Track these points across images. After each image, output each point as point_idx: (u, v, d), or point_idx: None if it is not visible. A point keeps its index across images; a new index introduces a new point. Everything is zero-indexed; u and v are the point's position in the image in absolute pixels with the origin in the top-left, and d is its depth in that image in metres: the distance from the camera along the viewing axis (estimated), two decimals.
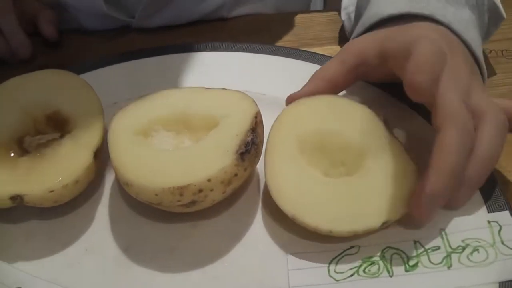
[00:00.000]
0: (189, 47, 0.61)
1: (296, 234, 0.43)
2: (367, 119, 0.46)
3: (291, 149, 0.44)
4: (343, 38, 0.66)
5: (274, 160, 0.44)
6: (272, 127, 0.46)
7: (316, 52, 0.59)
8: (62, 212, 0.45)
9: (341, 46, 0.64)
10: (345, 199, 0.41)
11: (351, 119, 0.46)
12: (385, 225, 0.41)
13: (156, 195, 0.39)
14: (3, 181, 0.42)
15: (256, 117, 0.44)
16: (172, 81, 0.57)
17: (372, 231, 0.41)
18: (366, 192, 0.41)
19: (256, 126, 0.43)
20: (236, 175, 0.40)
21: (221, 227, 0.44)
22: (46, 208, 0.43)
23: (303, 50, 0.60)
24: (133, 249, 0.43)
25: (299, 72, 0.53)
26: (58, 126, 0.47)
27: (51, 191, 0.41)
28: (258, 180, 0.47)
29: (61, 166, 0.43)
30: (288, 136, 0.45)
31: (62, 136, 0.45)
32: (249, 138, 0.42)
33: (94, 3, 0.67)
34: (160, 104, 0.47)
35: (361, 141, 0.44)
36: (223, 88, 0.48)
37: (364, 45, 0.49)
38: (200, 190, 0.39)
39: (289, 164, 0.43)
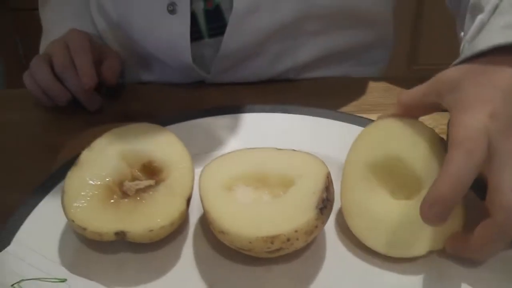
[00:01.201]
0: (260, 108, 0.68)
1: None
2: (432, 145, 0.51)
3: (364, 171, 0.52)
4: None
5: (348, 182, 0.52)
6: (349, 152, 0.54)
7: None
8: (152, 248, 0.51)
9: None
10: (404, 223, 0.48)
11: (418, 145, 0.51)
12: (429, 254, 0.47)
13: (250, 242, 0.45)
14: (109, 219, 0.48)
15: (327, 177, 0.50)
16: (244, 139, 0.64)
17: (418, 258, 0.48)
18: (419, 218, 0.44)
19: (328, 184, 0.49)
20: (316, 226, 0.47)
21: (294, 272, 0.49)
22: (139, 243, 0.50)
23: (364, 117, 0.66)
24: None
25: None
26: (151, 173, 0.54)
27: (150, 230, 0.48)
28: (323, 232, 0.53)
29: (159, 210, 0.49)
30: (360, 160, 0.52)
31: (157, 183, 0.52)
32: (325, 196, 0.48)
33: (183, 59, 0.75)
34: (239, 162, 0.54)
35: (423, 168, 0.50)
36: (293, 150, 0.55)
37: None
38: (288, 239, 0.45)
39: (360, 184, 0.51)
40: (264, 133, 0.65)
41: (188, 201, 0.51)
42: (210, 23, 0.77)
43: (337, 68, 0.84)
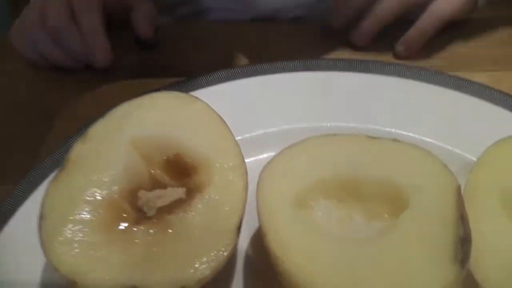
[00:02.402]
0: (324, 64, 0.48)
1: None
2: None
3: (492, 201, 0.34)
4: None
5: (473, 215, 0.33)
6: (471, 171, 0.36)
7: None
8: None
9: None
10: None
11: None
12: None
13: None
14: (114, 267, 0.30)
15: (459, 195, 0.31)
16: (305, 110, 0.45)
17: None
18: None
19: (463, 210, 0.30)
20: None
21: None
22: None
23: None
24: None
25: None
26: (179, 174, 0.35)
27: (182, 287, 0.29)
28: None
29: (196, 250, 0.30)
30: (490, 183, 0.35)
31: (189, 195, 0.33)
32: (461, 232, 0.29)
33: None
34: (316, 161, 0.34)
35: None
36: (394, 139, 0.35)
37: None
38: None
39: (486, 218, 0.33)
40: (335, 101, 0.45)
41: (240, 226, 0.32)
42: None
43: None
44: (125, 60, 0.57)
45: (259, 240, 0.35)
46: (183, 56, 0.57)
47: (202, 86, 0.46)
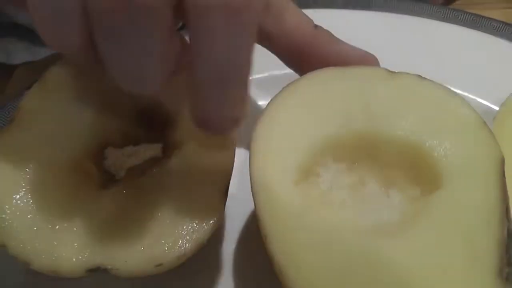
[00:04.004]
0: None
1: None
2: None
3: None
4: None
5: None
6: (494, 121, 0.31)
7: None
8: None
9: None
10: None
11: None
12: None
13: None
14: (75, 241, 0.24)
15: (503, 174, 0.25)
16: None
17: None
18: None
19: (507, 197, 0.25)
20: None
21: None
22: None
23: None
24: None
25: None
26: (151, 127, 0.29)
27: (158, 265, 0.24)
28: None
29: (174, 220, 0.25)
30: None
31: (166, 153, 0.28)
32: (505, 234, 0.23)
33: None
34: (322, 108, 0.27)
35: None
36: (419, 76, 0.28)
37: None
38: None
39: None
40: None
41: (226, 191, 0.26)
42: None
43: None
44: None
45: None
46: None
47: None
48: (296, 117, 0.27)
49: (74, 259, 0.24)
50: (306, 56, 0.30)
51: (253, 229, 0.29)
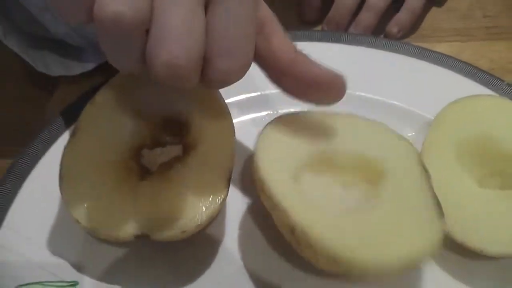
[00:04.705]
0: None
1: None
2: None
3: (448, 154, 0.41)
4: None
5: (432, 166, 0.38)
6: (430, 128, 0.42)
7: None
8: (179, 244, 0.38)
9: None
10: (499, 215, 0.38)
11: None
12: None
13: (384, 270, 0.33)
14: (127, 214, 0.35)
15: (421, 161, 0.37)
16: None
17: None
18: None
19: (427, 174, 0.36)
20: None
21: None
22: None
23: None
24: None
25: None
26: (175, 132, 0.40)
27: (183, 231, 0.35)
28: None
29: (193, 199, 0.36)
30: (446, 138, 0.42)
31: (185, 151, 0.38)
32: (433, 193, 0.35)
33: None
34: (303, 135, 0.39)
35: None
36: (352, 115, 0.41)
37: None
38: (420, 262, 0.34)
39: (443, 171, 0.39)
40: None
41: (229, 179, 0.37)
42: None
43: None
44: None
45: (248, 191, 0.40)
46: None
47: None
48: (287, 140, 0.38)
49: (125, 228, 0.34)
50: (286, 73, 0.36)
51: (250, 211, 0.40)
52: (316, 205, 0.35)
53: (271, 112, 0.47)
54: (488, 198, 0.39)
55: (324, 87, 0.36)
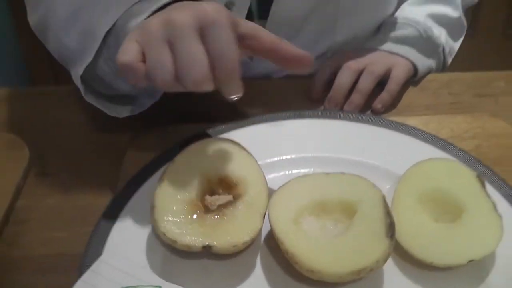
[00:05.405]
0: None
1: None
2: (469, 180, 0.60)
3: (412, 200, 0.59)
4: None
5: (399, 208, 0.59)
6: (399, 182, 0.61)
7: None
8: (231, 256, 0.58)
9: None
10: (448, 237, 0.55)
11: (457, 180, 0.60)
12: (471, 262, 0.53)
13: (340, 277, 0.52)
14: (197, 233, 0.55)
15: (385, 201, 0.56)
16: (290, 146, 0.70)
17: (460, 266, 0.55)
18: (462, 234, 0.55)
19: (388, 208, 0.56)
20: (389, 253, 0.53)
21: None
22: None
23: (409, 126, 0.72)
24: None
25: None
26: (227, 187, 0.60)
27: (234, 246, 0.54)
28: None
29: (241, 227, 0.55)
30: (411, 189, 0.60)
31: (235, 199, 0.58)
32: (389, 221, 0.54)
33: None
34: (300, 194, 0.59)
35: (463, 197, 0.58)
36: (342, 173, 0.60)
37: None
38: (371, 269, 0.52)
39: (408, 212, 0.58)
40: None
41: (264, 216, 0.57)
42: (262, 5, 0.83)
43: None
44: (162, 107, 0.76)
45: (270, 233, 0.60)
46: (204, 105, 0.79)
47: (234, 128, 0.71)
48: (291, 197, 0.58)
49: (195, 241, 0.54)
50: (276, 51, 0.55)
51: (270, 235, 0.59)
52: (306, 236, 0.55)
53: (287, 172, 0.67)
54: (440, 228, 0.57)
55: (299, 60, 0.56)
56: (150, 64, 0.50)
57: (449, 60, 0.93)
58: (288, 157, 0.67)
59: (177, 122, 0.75)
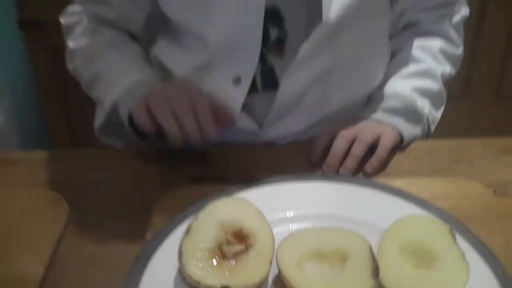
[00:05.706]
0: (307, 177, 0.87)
1: None
2: (443, 233, 0.71)
3: (394, 250, 0.69)
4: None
5: (385, 256, 0.69)
6: (385, 233, 0.71)
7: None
8: None
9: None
10: (423, 282, 0.66)
11: (433, 233, 0.71)
12: None
13: None
14: (216, 275, 0.66)
15: (371, 250, 0.68)
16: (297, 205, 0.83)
17: None
18: (436, 278, 0.66)
19: (374, 256, 0.68)
20: None
21: None
22: None
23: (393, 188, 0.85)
24: None
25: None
26: (240, 238, 0.72)
27: (247, 287, 0.66)
28: None
29: (252, 271, 0.67)
30: (394, 241, 0.70)
31: (247, 248, 0.70)
32: (374, 265, 0.66)
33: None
34: (305, 242, 0.71)
35: (437, 248, 0.68)
36: (337, 227, 0.73)
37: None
38: None
39: (391, 259, 0.69)
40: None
41: (271, 263, 0.69)
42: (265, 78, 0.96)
43: None
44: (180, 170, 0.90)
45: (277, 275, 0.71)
46: (217, 169, 0.91)
47: (245, 189, 0.83)
48: (292, 247, 0.70)
49: (215, 282, 0.65)
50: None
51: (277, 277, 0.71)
52: (308, 276, 0.67)
53: (291, 226, 0.79)
54: (417, 273, 0.69)
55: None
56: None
57: (433, 128, 1.02)
58: (292, 213, 0.80)
59: (196, 183, 0.87)
